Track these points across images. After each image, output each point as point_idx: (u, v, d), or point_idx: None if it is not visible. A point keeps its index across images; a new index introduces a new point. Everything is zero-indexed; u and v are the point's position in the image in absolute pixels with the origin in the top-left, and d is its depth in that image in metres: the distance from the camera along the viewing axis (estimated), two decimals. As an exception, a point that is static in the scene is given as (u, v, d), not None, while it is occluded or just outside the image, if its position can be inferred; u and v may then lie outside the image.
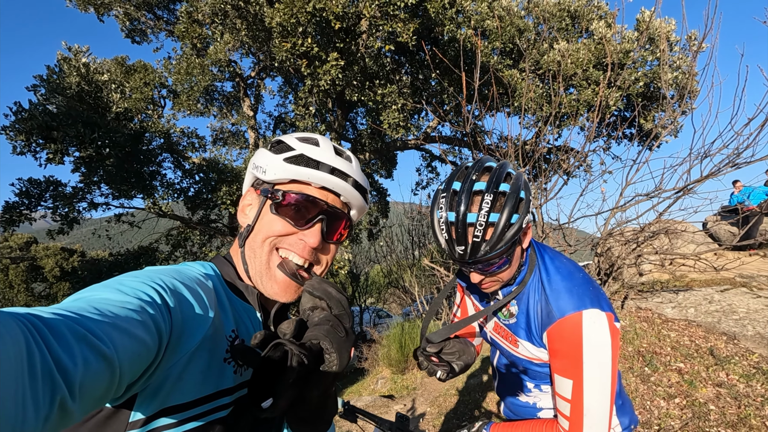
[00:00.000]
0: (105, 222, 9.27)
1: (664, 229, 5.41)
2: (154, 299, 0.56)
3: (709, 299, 5.52)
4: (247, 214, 0.81)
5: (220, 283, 0.76)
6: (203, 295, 0.67)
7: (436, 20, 5.25)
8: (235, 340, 0.73)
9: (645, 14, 6.69)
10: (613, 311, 1.05)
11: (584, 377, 1.01)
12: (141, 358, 0.50)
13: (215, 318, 0.67)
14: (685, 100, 5.90)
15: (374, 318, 16.42)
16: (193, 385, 0.63)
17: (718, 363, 4.09)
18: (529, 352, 1.17)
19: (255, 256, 0.77)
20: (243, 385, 0.74)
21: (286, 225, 0.77)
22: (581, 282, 1.09)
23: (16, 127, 6.17)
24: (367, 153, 8.67)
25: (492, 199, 0.97)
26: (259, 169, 0.79)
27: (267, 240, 0.77)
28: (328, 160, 0.79)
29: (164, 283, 0.61)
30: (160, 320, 0.55)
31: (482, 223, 0.96)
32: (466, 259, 1.00)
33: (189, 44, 6.74)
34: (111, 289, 0.54)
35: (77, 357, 0.40)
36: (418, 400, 5.77)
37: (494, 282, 1.11)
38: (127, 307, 0.51)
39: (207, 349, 0.65)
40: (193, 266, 0.74)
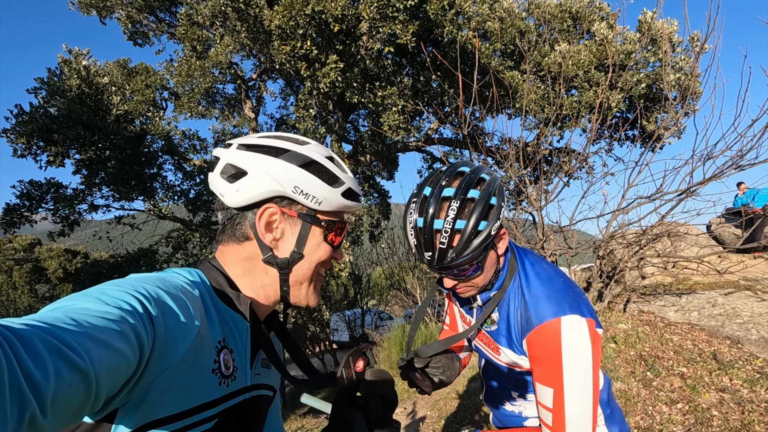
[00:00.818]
0: (106, 224, 9.29)
1: (666, 231, 5.37)
2: (135, 309, 0.54)
3: (713, 302, 5.46)
4: (275, 235, 0.79)
5: (207, 291, 0.74)
6: (188, 303, 0.65)
7: (435, 22, 5.23)
8: (222, 349, 0.71)
9: (647, 15, 6.65)
10: (594, 317, 1.03)
11: (565, 385, 0.98)
12: (120, 370, 0.48)
13: (201, 327, 0.65)
14: (688, 102, 5.85)
15: (376, 320, 16.39)
16: (178, 398, 0.61)
17: (722, 367, 4.04)
18: (510, 360, 1.15)
19: (304, 282, 0.83)
20: (228, 396, 0.72)
21: (330, 250, 0.84)
22: (561, 287, 1.07)
23: (16, 129, 6.19)
24: (368, 155, 8.65)
25: (459, 206, 0.96)
26: (307, 196, 0.78)
27: (314, 267, 0.83)
28: (357, 188, 0.86)
29: (147, 291, 0.59)
30: (142, 331, 0.53)
31: (448, 230, 0.96)
32: (434, 265, 1.00)
33: (189, 46, 6.75)
34: (90, 299, 0.52)
35: (49, 370, 0.38)
36: (419, 404, 5.74)
37: (469, 287, 1.10)
38: (107, 317, 0.49)
39: (192, 361, 0.63)
40: (179, 273, 0.72)
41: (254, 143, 0.80)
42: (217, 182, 0.80)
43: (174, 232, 10.20)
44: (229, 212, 0.80)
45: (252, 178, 0.77)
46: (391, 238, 13.88)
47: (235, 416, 0.73)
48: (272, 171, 0.77)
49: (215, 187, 0.80)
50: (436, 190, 1.00)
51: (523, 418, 1.28)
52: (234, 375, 0.74)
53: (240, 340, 0.78)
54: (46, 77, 6.85)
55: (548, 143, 6.62)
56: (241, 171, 0.78)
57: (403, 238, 13.10)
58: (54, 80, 6.83)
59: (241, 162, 0.78)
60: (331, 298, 14.65)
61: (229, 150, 0.81)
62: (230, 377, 0.72)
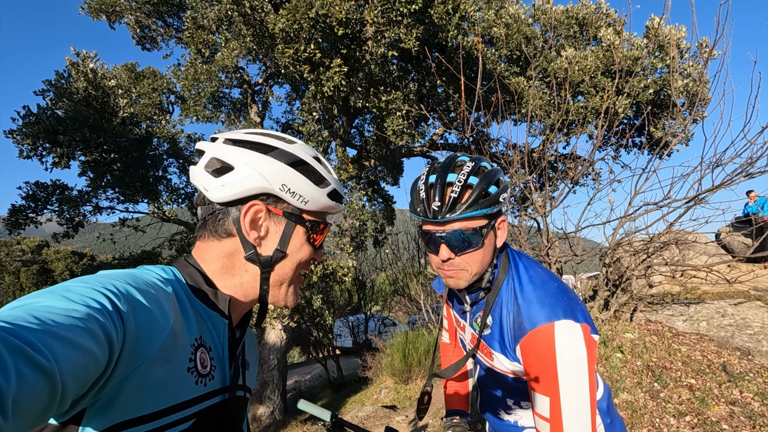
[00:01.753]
0: (111, 226, 9.35)
1: (674, 239, 5.28)
2: (104, 306, 0.52)
3: (722, 313, 5.35)
4: (261, 233, 0.78)
5: (182, 288, 0.72)
6: (161, 300, 0.63)
7: (440, 26, 5.22)
8: (199, 348, 0.69)
9: (654, 21, 6.61)
10: (589, 322, 0.98)
11: (561, 393, 0.93)
12: (88, 369, 0.46)
13: (175, 325, 0.63)
14: (696, 108, 5.78)
15: (379, 326, 16.32)
16: (151, 397, 0.59)
17: (732, 380, 3.93)
18: (503, 366, 1.11)
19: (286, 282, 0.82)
20: (206, 396, 0.69)
21: (311, 252, 0.84)
22: (554, 292, 1.03)
23: (23, 130, 6.26)
24: (373, 160, 8.64)
25: (473, 166, 1.01)
26: (293, 194, 0.78)
27: (297, 269, 0.83)
28: (341, 189, 0.86)
29: (116, 288, 0.57)
30: (111, 328, 0.51)
31: (461, 180, 0.98)
32: (440, 215, 0.99)
33: (195, 50, 6.80)
34: (56, 296, 0.50)
35: (10, 371, 0.37)
36: (420, 412, 5.65)
37: (459, 270, 1.06)
38: (73, 315, 0.47)
39: (165, 359, 0.60)
40: (152, 270, 0.71)
41: (242, 138, 0.79)
42: (200, 176, 0.78)
43: (177, 234, 10.24)
44: (210, 207, 0.78)
45: (239, 174, 0.75)
46: (396, 244, 13.86)
47: (213, 417, 0.71)
48: (260, 168, 0.76)
49: (198, 180, 0.78)
50: (451, 158, 1.06)
51: (520, 428, 1.23)
52: (212, 374, 0.72)
53: (218, 338, 0.76)
54: (54, 79, 6.93)
55: (554, 149, 6.56)
56: (227, 166, 0.76)
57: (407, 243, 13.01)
58: (61, 82, 6.91)
59: (228, 157, 0.76)
60: (334, 303, 14.62)
61: (215, 144, 0.80)
62: (207, 376, 0.70)
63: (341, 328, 16.53)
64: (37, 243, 23.22)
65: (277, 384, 8.20)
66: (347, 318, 15.91)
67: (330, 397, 10.56)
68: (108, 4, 8.46)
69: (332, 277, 8.08)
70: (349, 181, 8.13)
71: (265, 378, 8.09)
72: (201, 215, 0.81)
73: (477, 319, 1.17)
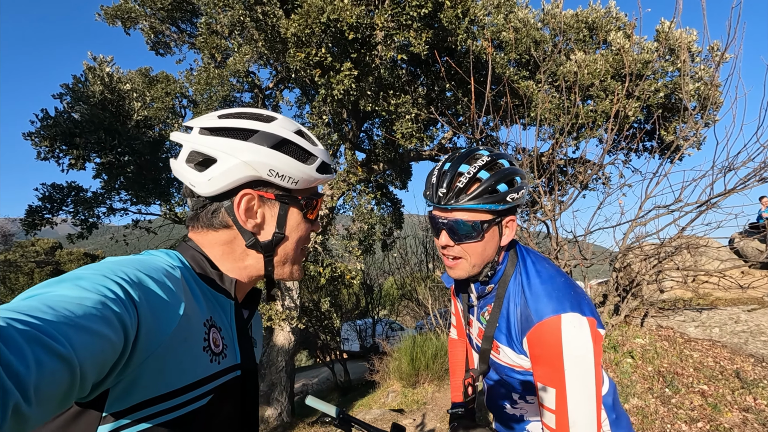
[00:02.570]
0: (123, 228, 9.49)
1: (686, 244, 5.22)
2: (116, 293, 0.53)
3: (735, 319, 5.27)
4: (257, 219, 0.78)
5: (189, 272, 0.73)
6: (170, 285, 0.64)
7: (450, 30, 5.26)
8: (211, 328, 0.72)
9: (665, 25, 6.58)
10: (596, 316, 1.00)
11: (567, 385, 0.95)
12: (105, 354, 0.48)
13: (187, 307, 0.65)
14: (708, 112, 5.73)
15: (387, 330, 16.28)
16: (171, 377, 0.62)
17: (745, 386, 3.87)
18: (510, 359, 1.12)
19: (291, 262, 0.85)
20: (221, 373, 0.72)
21: (309, 226, 0.86)
22: (562, 286, 1.05)
23: (41, 133, 6.43)
24: (382, 163, 8.68)
25: (489, 161, 1.03)
26: (286, 178, 0.77)
27: (300, 247, 0.84)
28: (328, 159, 0.85)
29: (126, 275, 0.58)
30: (124, 314, 0.52)
31: (471, 172, 1.01)
32: (443, 201, 1.02)
33: (208, 55, 6.92)
34: (68, 285, 0.52)
35: (29, 359, 0.38)
36: (428, 416, 5.64)
37: (458, 260, 1.09)
38: (86, 303, 0.49)
39: (182, 339, 0.63)
40: (158, 255, 0.72)
41: (218, 126, 0.76)
42: (183, 171, 0.76)
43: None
44: (200, 200, 0.77)
45: (223, 166, 0.73)
46: (404, 248, 13.84)
47: (228, 392, 0.74)
48: (244, 156, 0.74)
49: (182, 176, 0.76)
50: (469, 150, 1.09)
51: (525, 422, 1.25)
52: (224, 353, 0.74)
53: (226, 318, 0.78)
54: (71, 83, 7.10)
55: (563, 153, 6.54)
56: (209, 158, 0.74)
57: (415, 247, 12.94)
58: (78, 86, 7.08)
59: (208, 148, 0.74)
60: (342, 306, 14.63)
61: (192, 135, 0.77)
62: (221, 354, 0.73)
63: (349, 332, 16.53)
64: (50, 244, 23.64)
65: (284, 386, 8.22)
66: (355, 322, 15.91)
67: (337, 400, 10.56)
68: (124, 11, 8.65)
69: (340, 281, 8.11)
70: (357, 184, 8.18)
71: (273, 380, 8.12)
72: (191, 207, 0.80)
73: (484, 314, 1.19)
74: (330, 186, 7.73)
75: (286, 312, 7.33)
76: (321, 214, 7.68)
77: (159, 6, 8.36)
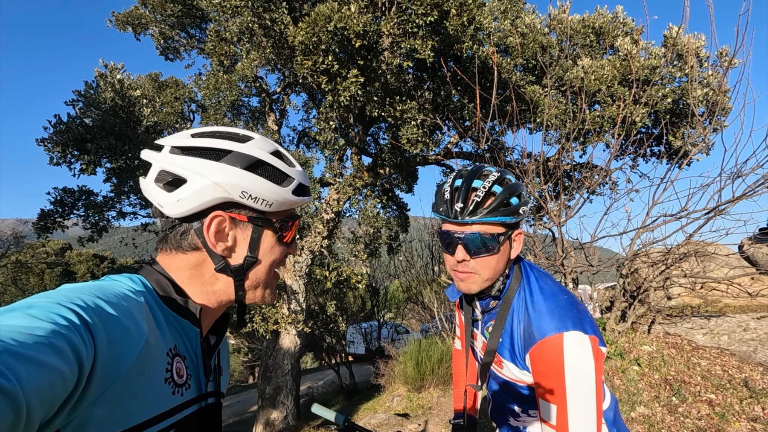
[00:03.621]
0: (132, 231, 9.61)
1: (694, 250, 5.18)
2: (71, 321, 0.49)
3: (744, 327, 5.21)
4: (228, 242, 0.75)
5: (153, 298, 0.70)
6: (132, 311, 0.61)
7: (456, 37, 5.29)
8: (175, 357, 0.68)
9: (672, 30, 6.55)
10: (597, 334, 1.03)
11: (568, 402, 0.97)
12: (55, 388, 0.44)
13: (149, 336, 0.62)
14: (717, 118, 5.69)
15: (392, 333, 16.29)
16: (129, 412, 0.57)
17: (754, 396, 3.83)
18: (513, 374, 1.15)
19: (262, 286, 0.81)
20: (183, 406, 0.69)
21: (284, 250, 0.82)
22: (564, 303, 1.07)
23: (53, 138, 6.56)
24: (388, 168, 8.71)
25: (498, 176, 1.08)
26: (259, 201, 0.74)
27: (272, 271, 0.80)
28: (306, 181, 0.82)
29: (84, 301, 0.54)
30: (79, 344, 0.48)
31: (486, 187, 1.05)
32: (461, 216, 1.05)
33: (217, 61, 7.01)
34: (17, 314, 0.48)
35: None
36: (433, 421, 5.64)
37: (472, 274, 1.10)
38: (36, 333, 0.45)
39: (141, 371, 0.59)
40: (119, 280, 0.69)
41: (190, 145, 0.73)
42: (151, 190, 0.73)
43: (196, 239, 10.44)
44: (169, 221, 0.74)
45: (193, 187, 0.70)
46: (410, 251, 13.85)
47: (191, 426, 0.71)
48: (215, 177, 0.70)
49: (150, 195, 0.73)
50: (477, 167, 1.13)
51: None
52: (188, 383, 0.71)
53: (191, 346, 0.74)
54: (83, 90, 7.24)
55: (570, 158, 6.53)
56: (178, 178, 0.71)
57: (421, 251, 12.93)
58: (90, 93, 7.21)
59: (178, 168, 0.70)
60: (347, 309, 14.66)
61: (162, 154, 0.73)
62: (184, 385, 0.69)
63: (354, 335, 16.55)
64: (60, 245, 23.96)
65: (290, 389, 8.26)
66: (360, 325, 15.94)
67: (342, 403, 10.58)
68: (134, 17, 8.80)
69: (346, 284, 8.14)
70: (364, 188, 8.22)
71: (278, 383, 8.16)
72: (161, 227, 0.77)
73: (488, 328, 1.21)
74: (336, 190, 7.78)
75: (292, 315, 7.38)
76: (327, 218, 7.73)
77: (169, 12, 8.49)
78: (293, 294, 7.83)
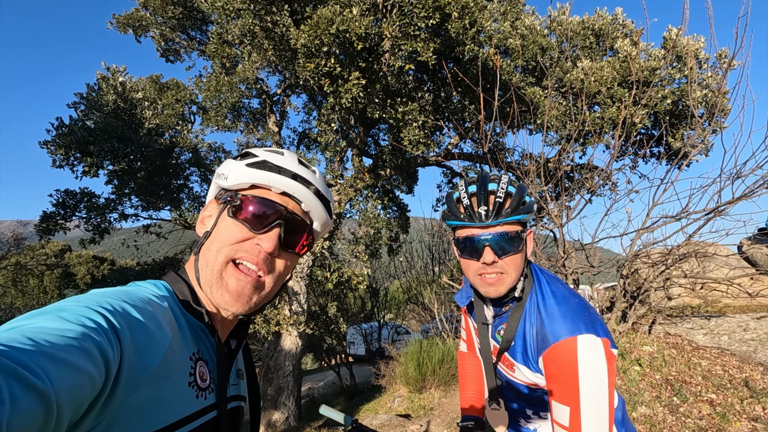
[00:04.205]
0: (134, 232, 9.63)
1: (694, 251, 5.21)
2: (99, 324, 0.51)
3: (744, 327, 5.24)
4: (205, 224, 0.79)
5: (176, 303, 0.72)
6: (157, 316, 0.62)
7: (457, 40, 5.32)
8: (198, 361, 0.70)
9: (672, 32, 6.58)
10: (609, 337, 1.04)
11: (581, 404, 0.99)
12: (84, 390, 0.45)
13: (173, 340, 0.63)
14: (716, 119, 5.72)
15: (392, 334, 16.29)
16: (154, 415, 0.58)
17: (754, 395, 3.86)
18: (525, 377, 1.17)
19: (207, 265, 0.74)
20: (207, 409, 0.70)
21: (242, 229, 0.75)
22: (576, 307, 1.09)
23: (56, 141, 6.59)
24: (388, 169, 8.74)
25: (509, 179, 1.11)
26: (221, 176, 0.79)
27: (223, 249, 0.74)
28: (290, 167, 0.79)
29: (111, 306, 0.56)
30: (107, 347, 0.50)
31: (504, 188, 1.08)
32: (487, 218, 1.06)
33: (218, 63, 7.04)
34: (49, 316, 0.50)
35: (4, 393, 0.36)
36: (435, 421, 5.66)
37: (501, 275, 1.11)
38: (67, 335, 0.47)
39: (166, 375, 0.60)
40: (144, 286, 0.71)
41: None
42: None
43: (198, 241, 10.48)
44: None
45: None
46: (410, 252, 13.87)
47: (213, 429, 0.71)
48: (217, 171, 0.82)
49: None
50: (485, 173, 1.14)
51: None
52: (211, 387, 0.72)
53: (211, 352, 0.76)
54: (86, 92, 7.27)
55: (570, 159, 6.56)
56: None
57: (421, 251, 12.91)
58: (92, 95, 7.24)
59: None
60: (348, 310, 14.68)
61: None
62: (207, 389, 0.70)
63: (354, 336, 16.56)
64: (60, 247, 23.89)
65: (291, 390, 8.28)
66: (360, 325, 15.94)
67: (343, 404, 10.59)
68: (135, 19, 8.83)
69: (347, 285, 8.16)
70: (364, 190, 8.25)
71: (280, 384, 8.18)
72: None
73: (500, 332, 1.22)
74: (337, 191, 7.80)
75: (293, 317, 7.40)
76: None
77: (170, 15, 8.52)
78: (294, 295, 7.85)
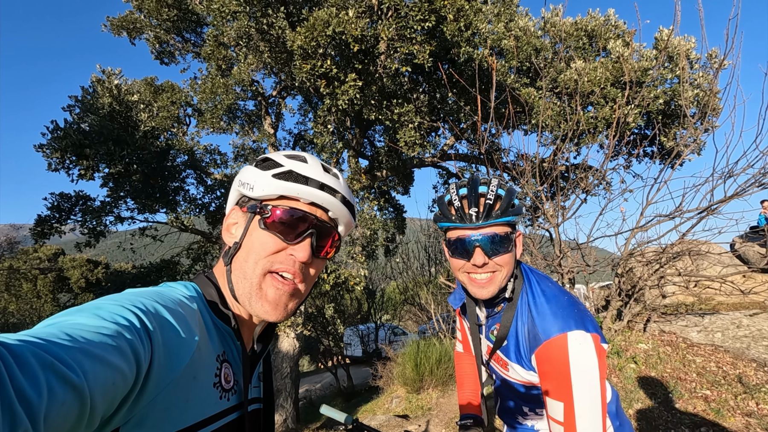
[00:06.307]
0: (129, 235, 9.58)
1: (687, 249, 5.27)
2: (132, 323, 0.53)
3: (737, 324, 5.31)
4: (233, 233, 0.80)
5: (204, 305, 0.74)
6: (187, 317, 0.64)
7: (452, 42, 5.36)
8: (223, 363, 0.72)
9: (663, 33, 6.67)
10: (599, 332, 1.07)
11: (575, 399, 1.02)
12: (116, 386, 0.47)
13: (201, 341, 0.65)
14: (708, 118, 5.80)
15: (389, 335, 16.30)
16: (181, 414, 0.60)
17: (748, 391, 3.91)
18: (519, 375, 1.20)
19: (245, 278, 0.75)
20: (230, 410, 0.72)
21: (276, 241, 0.76)
22: (566, 304, 1.12)
23: (52, 144, 6.54)
24: (385, 170, 8.77)
25: (499, 182, 1.14)
26: (246, 186, 0.79)
27: (260, 262, 0.75)
28: (316, 176, 0.80)
29: (144, 306, 0.58)
30: (139, 346, 0.52)
31: (493, 191, 1.10)
32: (477, 220, 1.08)
33: (214, 65, 7.04)
34: (86, 314, 0.52)
35: (42, 387, 0.37)
36: (433, 422, 5.68)
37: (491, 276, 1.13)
38: (102, 332, 0.48)
39: (193, 375, 0.62)
40: (176, 287, 0.73)
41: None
42: None
43: (195, 244, 10.46)
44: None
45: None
46: (406, 253, 13.88)
47: (236, 430, 0.74)
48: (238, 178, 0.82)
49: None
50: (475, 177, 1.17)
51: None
52: (234, 388, 0.74)
53: (237, 355, 0.78)
54: (80, 95, 7.23)
55: (565, 159, 6.62)
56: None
57: (417, 252, 12.93)
58: (87, 98, 7.20)
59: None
60: (344, 312, 14.67)
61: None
62: (230, 391, 0.73)
63: (351, 337, 16.55)
64: (53, 251, 23.67)
65: (289, 392, 8.27)
66: (357, 327, 15.94)
67: (341, 406, 10.59)
68: (129, 21, 8.80)
69: (344, 286, 8.17)
70: (361, 191, 8.26)
71: (278, 386, 8.17)
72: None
73: (493, 332, 1.25)
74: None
75: (291, 318, 7.39)
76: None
77: (164, 17, 8.50)
78: (292, 297, 7.83)
